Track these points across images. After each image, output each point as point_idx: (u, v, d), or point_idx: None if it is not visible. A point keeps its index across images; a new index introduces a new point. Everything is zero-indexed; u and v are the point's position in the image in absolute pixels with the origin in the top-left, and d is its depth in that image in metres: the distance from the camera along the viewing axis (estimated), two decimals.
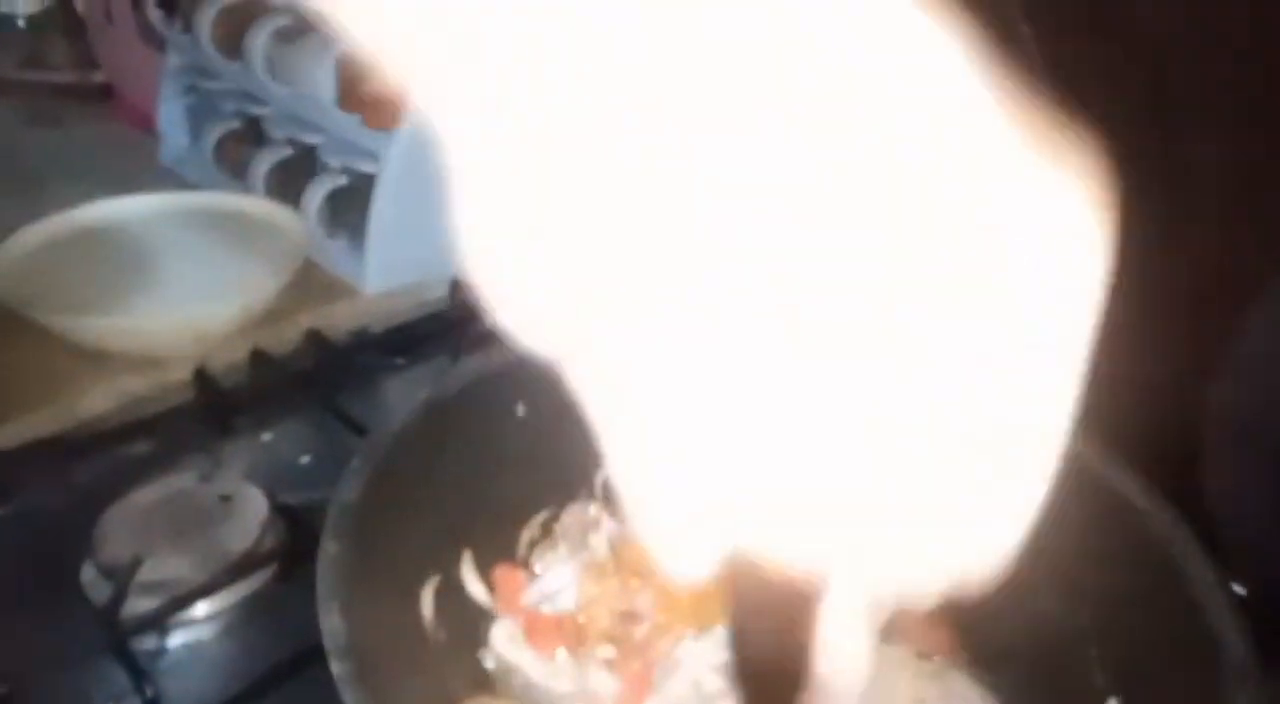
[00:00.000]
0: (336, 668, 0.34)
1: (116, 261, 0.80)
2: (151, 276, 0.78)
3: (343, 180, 0.84)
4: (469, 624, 0.48)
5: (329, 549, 0.39)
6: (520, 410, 0.54)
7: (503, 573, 0.50)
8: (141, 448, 0.65)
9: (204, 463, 0.64)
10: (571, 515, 0.54)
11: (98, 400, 0.69)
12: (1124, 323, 0.62)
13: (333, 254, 0.84)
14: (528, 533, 0.53)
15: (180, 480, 0.62)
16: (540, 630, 0.46)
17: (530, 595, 0.48)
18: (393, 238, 0.81)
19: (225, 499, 0.60)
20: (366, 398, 0.71)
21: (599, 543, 0.52)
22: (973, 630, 0.49)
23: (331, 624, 0.36)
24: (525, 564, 0.52)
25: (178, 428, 0.66)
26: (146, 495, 0.60)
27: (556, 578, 0.49)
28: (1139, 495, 0.46)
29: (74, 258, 0.80)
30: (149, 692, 0.47)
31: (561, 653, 0.47)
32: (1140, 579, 0.44)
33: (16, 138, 1.05)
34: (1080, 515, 0.47)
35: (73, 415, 0.68)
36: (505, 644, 0.46)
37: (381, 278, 0.82)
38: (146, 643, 0.51)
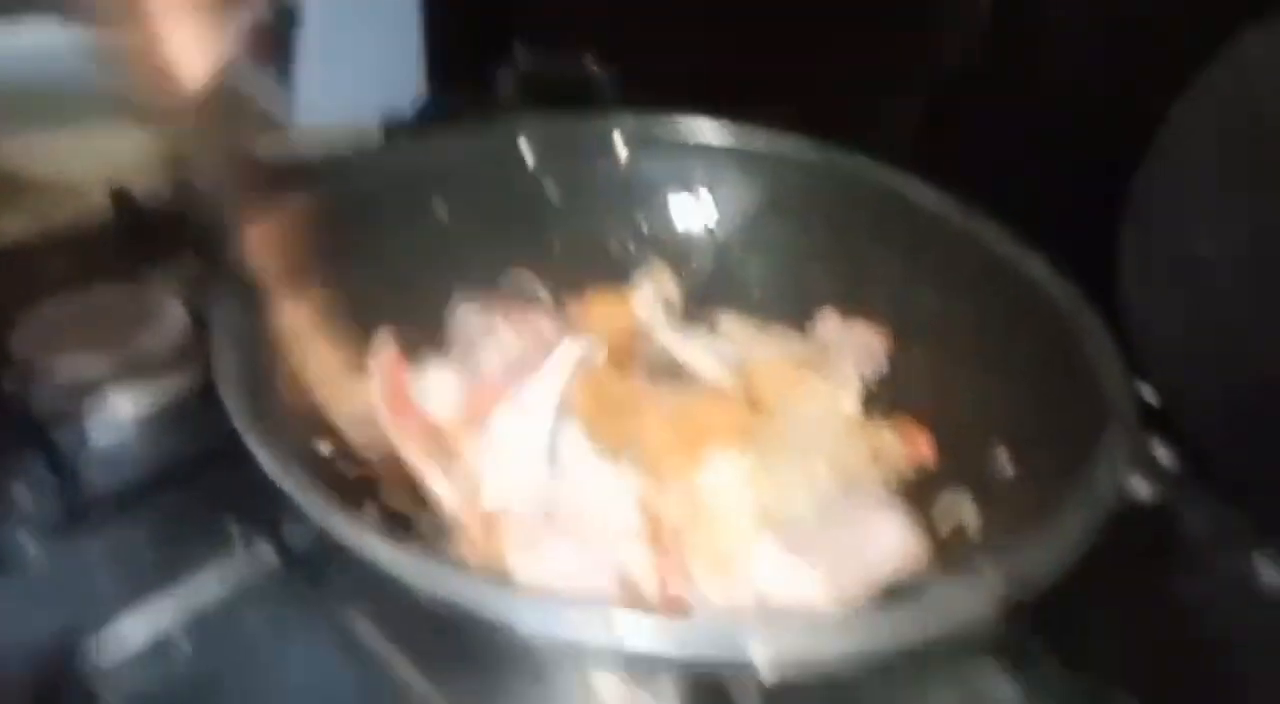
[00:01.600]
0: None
1: (26, 91, 0.77)
2: (65, 105, 0.76)
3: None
4: None
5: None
6: (439, 208, 0.54)
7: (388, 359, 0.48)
8: (60, 265, 0.64)
9: (125, 280, 0.63)
10: (466, 315, 0.53)
11: (12, 221, 0.67)
12: (1051, 115, 0.61)
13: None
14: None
15: (101, 294, 0.61)
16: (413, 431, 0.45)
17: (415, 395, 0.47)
18: (322, 69, 0.79)
19: (146, 311, 0.60)
20: None
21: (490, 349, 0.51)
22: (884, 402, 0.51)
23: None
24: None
25: (98, 246, 0.65)
26: (67, 304, 0.59)
27: (440, 384, 0.48)
28: (1045, 276, 0.47)
29: None
30: (66, 474, 0.47)
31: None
32: (1040, 348, 0.45)
33: None
34: (987, 294, 0.48)
35: None
36: None
37: (311, 110, 0.80)
38: (67, 437, 0.51)
